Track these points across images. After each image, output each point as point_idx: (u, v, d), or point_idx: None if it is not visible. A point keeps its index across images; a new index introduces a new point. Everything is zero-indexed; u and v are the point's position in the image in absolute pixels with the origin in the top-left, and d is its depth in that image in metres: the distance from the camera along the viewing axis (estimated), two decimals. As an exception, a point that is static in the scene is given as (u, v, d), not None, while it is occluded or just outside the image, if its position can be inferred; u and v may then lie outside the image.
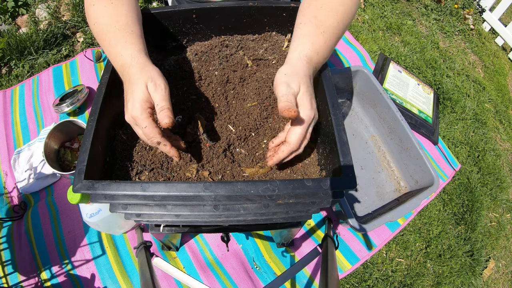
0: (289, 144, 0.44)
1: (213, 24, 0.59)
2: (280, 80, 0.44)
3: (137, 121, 0.42)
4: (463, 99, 2.02)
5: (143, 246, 0.63)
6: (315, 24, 0.48)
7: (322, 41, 0.48)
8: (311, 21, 0.48)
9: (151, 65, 0.45)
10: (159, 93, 0.42)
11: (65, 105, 0.88)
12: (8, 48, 1.63)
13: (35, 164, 0.84)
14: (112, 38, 0.46)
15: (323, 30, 0.48)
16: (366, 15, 2.29)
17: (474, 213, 1.61)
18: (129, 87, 0.43)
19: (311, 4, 0.51)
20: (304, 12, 0.51)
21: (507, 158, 1.93)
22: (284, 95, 0.41)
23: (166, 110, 0.41)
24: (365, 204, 0.84)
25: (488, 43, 2.49)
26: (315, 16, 0.49)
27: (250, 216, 0.45)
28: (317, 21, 0.48)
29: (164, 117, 0.40)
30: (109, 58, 0.48)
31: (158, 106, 0.41)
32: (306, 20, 0.49)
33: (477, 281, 1.47)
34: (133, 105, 0.41)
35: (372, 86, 0.89)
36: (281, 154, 0.45)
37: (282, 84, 0.43)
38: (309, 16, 0.49)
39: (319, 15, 0.49)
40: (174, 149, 0.45)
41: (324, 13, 0.49)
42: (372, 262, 1.40)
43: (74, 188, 0.38)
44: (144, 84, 0.42)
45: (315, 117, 0.45)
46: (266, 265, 0.79)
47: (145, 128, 0.41)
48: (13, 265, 0.74)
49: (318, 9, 0.49)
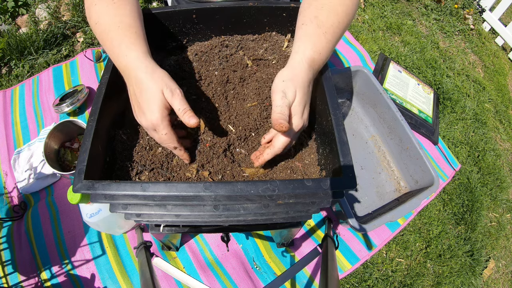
0: (273, 148, 0.48)
1: (213, 24, 0.59)
2: (277, 87, 0.45)
3: (157, 128, 0.44)
4: (463, 99, 2.02)
5: (143, 246, 0.63)
6: (317, 25, 0.48)
7: (324, 42, 0.48)
8: (312, 21, 0.48)
9: (159, 69, 0.45)
10: (177, 98, 0.44)
11: (65, 105, 0.88)
12: (8, 48, 1.63)
13: (35, 164, 0.84)
14: (115, 38, 0.46)
15: (324, 31, 0.48)
16: (366, 15, 2.29)
17: (474, 213, 1.61)
18: (141, 92, 0.44)
19: (312, 4, 0.51)
20: (305, 12, 0.51)
21: (507, 158, 1.93)
22: (278, 106, 0.43)
23: (189, 111, 0.43)
24: (365, 204, 0.84)
25: (488, 43, 2.49)
26: (316, 16, 0.49)
27: (250, 216, 0.45)
28: (318, 21, 0.48)
29: (190, 118, 0.42)
30: (111, 58, 0.48)
31: (180, 109, 0.43)
32: (307, 20, 0.49)
33: (477, 281, 1.47)
34: (152, 112, 0.43)
35: (372, 86, 0.89)
36: (266, 157, 0.49)
37: (278, 93, 0.44)
38: (310, 17, 0.49)
39: (320, 15, 0.49)
40: (187, 153, 0.49)
41: (325, 13, 0.49)
42: (372, 262, 1.40)
43: (74, 188, 0.38)
44: (160, 90, 0.43)
45: (304, 126, 0.48)
46: (266, 265, 0.79)
47: (165, 135, 0.44)
48: (13, 265, 0.74)
49: (319, 9, 0.49)
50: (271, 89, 0.46)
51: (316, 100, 0.52)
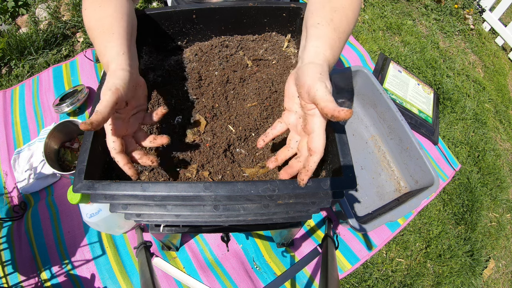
0: (317, 154, 0.39)
1: (213, 25, 0.59)
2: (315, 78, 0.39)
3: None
4: (463, 99, 2.02)
5: (143, 246, 0.63)
6: (333, 28, 0.46)
7: (338, 47, 0.46)
8: (329, 24, 0.46)
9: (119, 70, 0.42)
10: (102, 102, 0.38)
11: (65, 105, 0.88)
12: (8, 48, 1.63)
13: (35, 164, 0.84)
14: (98, 43, 0.46)
15: (339, 36, 0.46)
16: (366, 15, 2.29)
17: (474, 213, 1.61)
18: None
19: (325, 6, 0.49)
20: (319, 12, 0.48)
21: (507, 158, 1.93)
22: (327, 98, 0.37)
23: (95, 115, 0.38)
24: (365, 204, 0.84)
25: (488, 43, 2.49)
26: (332, 19, 0.47)
27: (250, 216, 0.45)
28: (334, 25, 0.47)
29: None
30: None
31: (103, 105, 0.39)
32: (324, 21, 0.47)
33: (477, 281, 1.47)
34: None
35: (372, 86, 0.89)
36: (313, 166, 0.39)
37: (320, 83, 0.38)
38: (327, 18, 0.47)
39: (335, 18, 0.47)
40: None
41: (338, 18, 0.48)
42: (372, 262, 1.40)
43: (74, 188, 0.38)
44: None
45: None
46: (266, 265, 0.79)
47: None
48: (13, 265, 0.74)
49: (333, 12, 0.48)
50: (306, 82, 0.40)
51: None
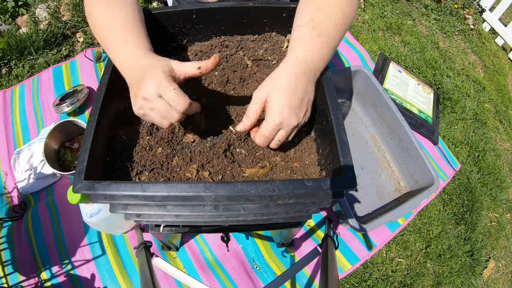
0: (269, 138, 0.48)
1: (213, 25, 0.59)
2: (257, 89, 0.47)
3: (162, 87, 0.41)
4: (463, 99, 2.02)
5: (143, 246, 0.63)
6: (312, 27, 0.48)
7: (318, 42, 0.48)
8: (308, 23, 0.49)
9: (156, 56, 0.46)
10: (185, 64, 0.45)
11: (65, 105, 0.88)
12: (8, 48, 1.63)
13: (35, 164, 0.84)
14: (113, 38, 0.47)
15: (319, 32, 0.48)
16: (366, 15, 2.29)
17: (474, 213, 1.61)
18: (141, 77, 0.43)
19: (309, 6, 0.51)
20: (302, 14, 0.51)
21: (507, 158, 1.93)
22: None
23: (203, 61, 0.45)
24: (365, 204, 0.84)
25: (488, 43, 2.49)
26: (312, 18, 0.49)
27: (250, 216, 0.45)
28: (314, 23, 0.48)
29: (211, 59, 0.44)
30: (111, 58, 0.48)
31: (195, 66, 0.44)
32: (303, 22, 0.49)
33: (477, 281, 1.47)
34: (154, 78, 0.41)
35: (372, 86, 0.89)
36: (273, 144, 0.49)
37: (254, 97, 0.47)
38: (306, 19, 0.49)
39: (316, 17, 0.49)
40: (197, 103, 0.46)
41: (322, 15, 0.49)
42: (372, 262, 1.40)
43: (74, 188, 0.38)
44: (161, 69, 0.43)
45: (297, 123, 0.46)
46: (266, 265, 0.79)
47: (173, 91, 0.41)
48: (13, 265, 0.74)
49: (316, 11, 0.49)
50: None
51: (316, 100, 0.52)
